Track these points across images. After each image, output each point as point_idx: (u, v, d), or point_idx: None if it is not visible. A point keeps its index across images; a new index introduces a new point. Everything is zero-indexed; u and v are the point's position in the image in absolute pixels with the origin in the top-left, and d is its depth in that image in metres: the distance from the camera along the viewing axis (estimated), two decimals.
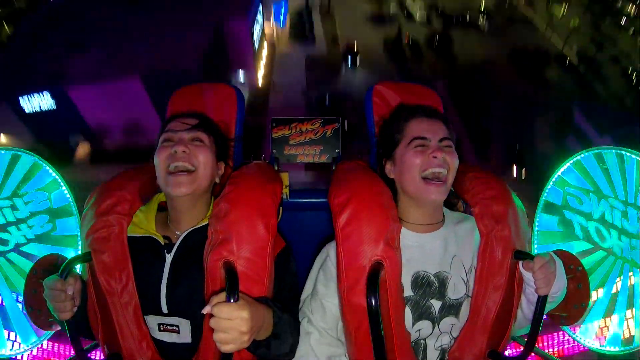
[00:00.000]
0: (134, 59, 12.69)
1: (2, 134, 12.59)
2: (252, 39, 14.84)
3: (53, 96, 12.44)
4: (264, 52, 17.46)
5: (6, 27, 18.15)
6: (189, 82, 1.53)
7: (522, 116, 15.87)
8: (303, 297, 1.26)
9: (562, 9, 23.60)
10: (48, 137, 12.40)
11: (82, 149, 13.50)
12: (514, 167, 14.33)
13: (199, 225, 1.19)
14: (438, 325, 1.16)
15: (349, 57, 19.30)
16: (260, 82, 16.74)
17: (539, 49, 21.24)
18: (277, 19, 16.92)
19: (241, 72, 13.55)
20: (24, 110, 12.66)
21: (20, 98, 12.39)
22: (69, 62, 12.61)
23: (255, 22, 15.20)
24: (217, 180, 1.26)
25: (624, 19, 22.49)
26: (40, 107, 12.48)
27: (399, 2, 24.33)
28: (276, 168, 1.60)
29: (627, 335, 1.37)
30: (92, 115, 13.02)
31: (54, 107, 12.58)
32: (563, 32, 22.51)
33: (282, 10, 17.57)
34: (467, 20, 23.43)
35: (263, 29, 16.83)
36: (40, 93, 12.24)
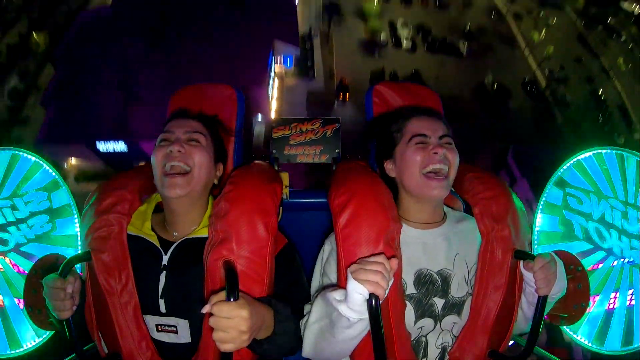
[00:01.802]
0: None
1: (74, 158, 16.13)
2: (269, 94, 18.54)
3: (125, 143, 15.64)
4: (275, 87, 20.45)
5: (35, 37, 19.21)
6: None
7: (473, 148, 16.85)
8: (312, 293, 1.24)
9: (542, 34, 24.26)
10: (117, 164, 15.19)
11: None
12: None
13: (196, 236, 1.17)
14: (440, 323, 1.16)
15: (340, 93, 21.10)
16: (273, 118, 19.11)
17: (502, 82, 22.27)
18: (285, 63, 20.92)
19: (259, 115, 16.94)
20: (99, 150, 15.99)
21: (97, 142, 15.77)
22: (130, 112, 15.44)
23: (270, 71, 18.92)
24: (216, 182, 1.25)
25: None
26: (113, 149, 15.92)
27: (390, 30, 25.05)
28: (276, 168, 1.60)
29: (626, 335, 1.36)
30: None
31: (126, 150, 15.83)
32: (539, 58, 23.65)
33: (289, 58, 21.72)
34: (447, 42, 24.32)
35: (274, 70, 20.37)
36: (115, 141, 15.74)
